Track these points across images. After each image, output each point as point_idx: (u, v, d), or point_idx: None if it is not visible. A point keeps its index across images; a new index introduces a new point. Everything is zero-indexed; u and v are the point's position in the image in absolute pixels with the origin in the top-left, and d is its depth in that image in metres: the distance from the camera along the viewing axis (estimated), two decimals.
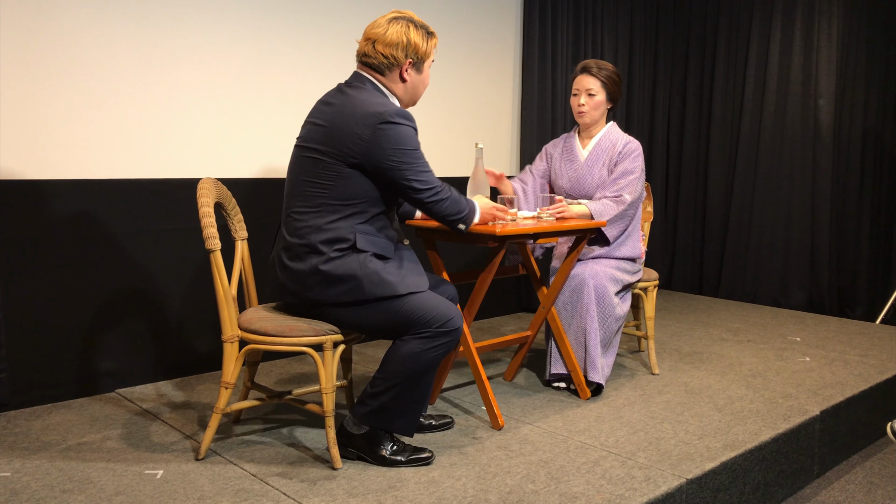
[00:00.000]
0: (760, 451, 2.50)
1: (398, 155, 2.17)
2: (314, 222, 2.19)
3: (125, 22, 2.90)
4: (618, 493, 2.09)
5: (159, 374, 3.07)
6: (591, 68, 3.04)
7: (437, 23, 4.01)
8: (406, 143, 2.18)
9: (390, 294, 2.17)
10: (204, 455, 2.28)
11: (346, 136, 2.17)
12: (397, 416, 2.24)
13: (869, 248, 4.85)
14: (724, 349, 3.73)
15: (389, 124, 2.15)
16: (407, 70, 2.28)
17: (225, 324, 2.23)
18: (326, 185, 2.19)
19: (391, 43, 2.23)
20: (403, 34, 2.24)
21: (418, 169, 2.21)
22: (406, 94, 2.34)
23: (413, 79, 2.32)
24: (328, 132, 2.20)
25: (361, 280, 2.16)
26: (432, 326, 2.17)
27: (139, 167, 2.99)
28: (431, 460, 2.27)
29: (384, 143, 2.15)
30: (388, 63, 2.26)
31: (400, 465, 2.25)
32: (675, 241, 5.57)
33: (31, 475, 2.16)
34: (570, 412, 2.76)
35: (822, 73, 4.78)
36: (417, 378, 2.20)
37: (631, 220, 3.01)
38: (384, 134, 2.15)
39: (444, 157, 4.10)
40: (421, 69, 2.32)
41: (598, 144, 3.08)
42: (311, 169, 2.22)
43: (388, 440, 2.27)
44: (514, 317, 4.46)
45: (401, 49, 2.24)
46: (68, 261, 2.80)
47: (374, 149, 2.15)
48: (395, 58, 2.25)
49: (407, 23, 2.26)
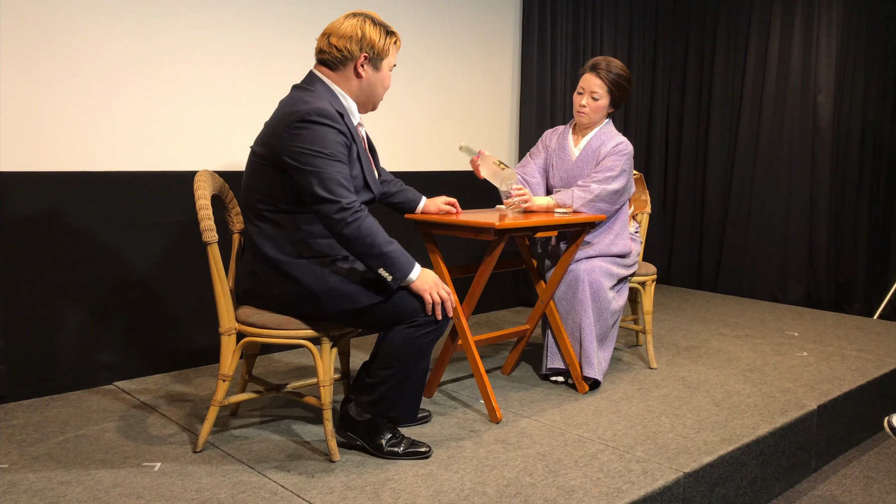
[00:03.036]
0: (758, 446, 2.50)
1: (306, 157, 2.04)
2: (263, 230, 2.18)
3: (123, 16, 2.88)
4: (615, 487, 2.09)
5: (157, 367, 3.06)
6: (600, 68, 2.96)
7: (436, 18, 4.00)
8: (319, 144, 2.04)
9: (352, 308, 2.14)
10: (201, 447, 2.28)
11: (273, 136, 2.12)
12: (396, 404, 2.24)
13: (867, 244, 4.85)
14: (722, 344, 3.74)
15: (306, 123, 2.05)
16: (363, 65, 2.19)
17: (222, 316, 2.22)
18: (264, 190, 2.16)
19: (345, 35, 2.16)
20: (359, 27, 2.17)
21: (326, 176, 2.03)
22: (362, 93, 2.24)
23: (370, 76, 2.22)
24: (264, 133, 2.18)
25: (318, 295, 2.13)
26: (421, 314, 2.16)
27: (137, 160, 2.98)
28: (429, 455, 2.27)
29: (296, 142, 2.05)
30: (341, 57, 2.18)
31: (396, 457, 2.24)
32: (673, 236, 5.57)
33: (28, 467, 2.16)
34: (568, 406, 2.76)
35: (822, 69, 4.78)
36: (413, 364, 2.20)
37: (605, 212, 2.94)
38: (298, 133, 2.05)
39: (442, 154, 4.10)
40: (378, 67, 2.22)
41: (588, 144, 3.04)
42: (252, 173, 2.20)
43: (387, 431, 2.27)
44: (512, 311, 4.46)
45: (355, 42, 2.16)
46: (66, 253, 2.79)
47: (286, 148, 2.07)
48: (349, 51, 2.17)
49: (364, 18, 2.20)
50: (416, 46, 3.92)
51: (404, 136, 3.95)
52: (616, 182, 2.93)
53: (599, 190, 2.90)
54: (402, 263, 2.10)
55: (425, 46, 3.97)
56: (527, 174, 3.15)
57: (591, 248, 2.98)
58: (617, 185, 2.94)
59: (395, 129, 3.88)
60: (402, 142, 3.94)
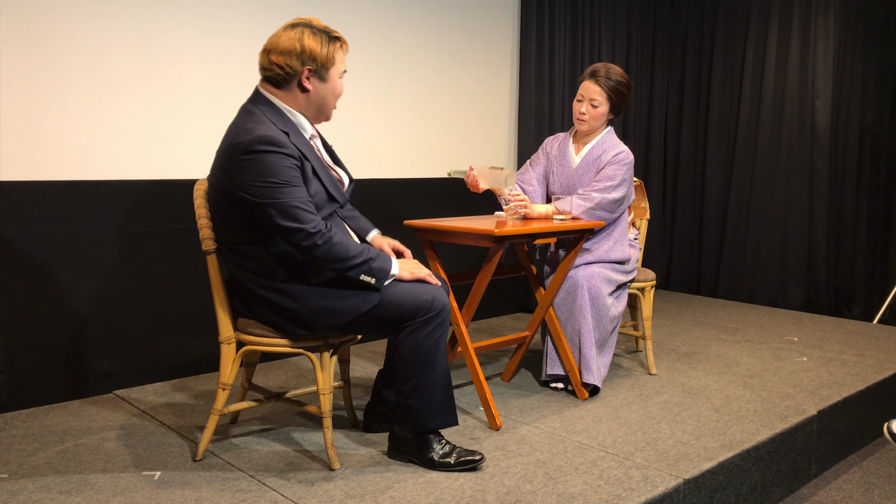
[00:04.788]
0: (758, 451, 2.50)
1: (259, 189, 1.96)
2: (238, 262, 2.14)
3: (120, 24, 2.89)
4: (615, 494, 2.09)
5: (156, 376, 3.06)
6: (600, 76, 2.96)
7: (433, 24, 4.01)
8: (271, 175, 1.96)
9: (342, 321, 2.11)
10: (201, 456, 2.28)
11: (220, 170, 2.07)
12: (432, 414, 2.20)
13: (866, 248, 4.86)
14: (722, 349, 3.74)
15: (251, 154, 1.96)
16: (308, 79, 2.08)
17: (222, 325, 2.22)
18: (228, 223, 2.11)
19: (284, 51, 2.04)
20: (297, 40, 2.04)
21: (285, 205, 1.96)
22: (312, 107, 2.13)
23: (317, 89, 2.10)
24: (215, 165, 2.12)
25: (305, 316, 2.11)
26: (419, 315, 2.14)
27: (135, 168, 2.98)
28: (481, 463, 2.22)
29: (245, 175, 1.97)
30: (284, 74, 2.06)
31: (450, 468, 2.20)
32: (672, 241, 5.57)
33: (28, 477, 2.16)
34: (568, 412, 2.76)
35: (819, 74, 4.79)
36: (430, 367, 2.17)
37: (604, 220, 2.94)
38: (245, 166, 1.97)
39: (441, 161, 4.11)
40: (325, 77, 2.10)
41: (590, 152, 3.05)
42: (214, 208, 2.14)
43: (436, 442, 2.23)
44: (511, 317, 4.46)
45: (295, 57, 2.04)
46: (65, 262, 2.79)
47: (237, 183, 1.99)
48: (290, 67, 2.05)
49: (303, 28, 2.06)
50: (413, 55, 3.93)
51: (403, 145, 3.96)
52: (616, 191, 2.94)
53: (600, 198, 2.91)
54: (380, 264, 2.10)
55: (423, 54, 3.98)
56: (524, 182, 3.15)
57: (591, 254, 2.99)
58: (617, 194, 2.94)
59: (393, 138, 3.89)
60: (400, 150, 3.94)
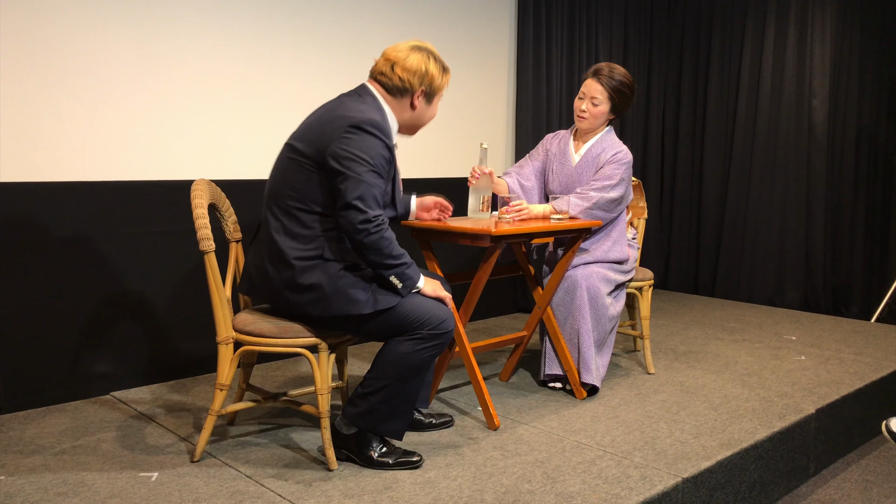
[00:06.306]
0: (756, 450, 2.50)
1: (350, 162, 2.10)
2: (286, 226, 2.18)
3: (119, 26, 2.89)
4: (614, 493, 2.08)
5: (154, 377, 3.06)
6: (602, 74, 2.95)
7: (431, 24, 4.01)
8: (366, 153, 2.12)
9: (356, 313, 2.14)
10: (199, 457, 2.28)
11: (318, 135, 2.16)
12: (386, 418, 2.23)
13: (863, 247, 4.87)
14: (720, 348, 3.74)
15: (358, 130, 2.12)
16: (419, 98, 2.30)
17: (219, 325, 2.22)
18: (297, 187, 2.17)
19: (410, 69, 2.26)
20: (423, 63, 2.27)
21: (363, 184, 2.10)
22: (410, 121, 2.36)
23: (421, 108, 2.34)
24: (307, 131, 2.21)
25: (328, 295, 2.14)
26: (425, 329, 2.16)
27: (133, 169, 2.98)
28: (420, 464, 2.26)
29: (344, 145, 2.11)
30: (402, 87, 2.27)
31: (388, 467, 2.23)
32: (670, 241, 5.57)
33: (25, 479, 2.15)
34: (566, 412, 2.76)
35: (816, 74, 4.80)
36: (408, 378, 2.19)
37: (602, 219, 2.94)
38: (347, 138, 2.11)
39: (438, 160, 4.10)
40: (431, 101, 2.35)
41: (589, 151, 3.04)
42: (287, 168, 2.21)
43: (376, 441, 2.26)
44: (509, 317, 4.46)
45: (418, 77, 2.26)
46: (62, 263, 2.79)
47: (333, 150, 2.11)
48: (410, 84, 2.27)
49: (428, 54, 2.30)
50: None
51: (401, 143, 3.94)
52: (614, 191, 2.93)
53: (598, 198, 2.90)
54: (412, 273, 2.20)
55: None
56: (522, 177, 3.14)
57: (589, 254, 2.99)
58: (615, 193, 2.94)
59: None
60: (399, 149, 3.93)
